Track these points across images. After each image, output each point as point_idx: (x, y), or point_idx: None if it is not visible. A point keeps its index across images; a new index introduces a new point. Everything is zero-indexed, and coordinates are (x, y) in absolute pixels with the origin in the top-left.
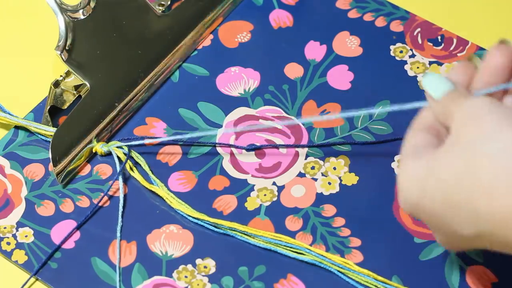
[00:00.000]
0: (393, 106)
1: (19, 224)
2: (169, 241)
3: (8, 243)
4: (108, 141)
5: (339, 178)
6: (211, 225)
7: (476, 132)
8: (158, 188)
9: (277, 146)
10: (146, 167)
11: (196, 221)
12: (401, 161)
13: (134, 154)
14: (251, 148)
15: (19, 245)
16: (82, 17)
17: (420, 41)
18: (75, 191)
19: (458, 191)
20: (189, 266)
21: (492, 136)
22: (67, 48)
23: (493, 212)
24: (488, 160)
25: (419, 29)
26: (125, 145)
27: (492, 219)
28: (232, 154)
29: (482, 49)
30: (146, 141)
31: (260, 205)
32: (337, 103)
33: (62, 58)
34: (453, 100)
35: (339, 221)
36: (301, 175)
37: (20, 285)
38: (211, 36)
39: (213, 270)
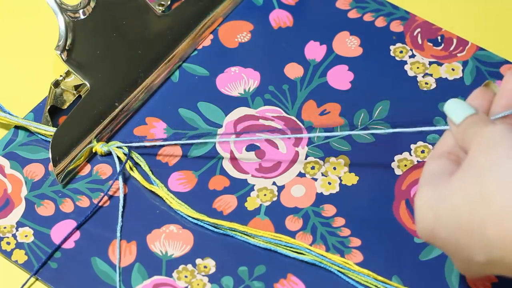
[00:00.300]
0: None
1: (19, 224)
2: (169, 241)
3: (8, 243)
4: (108, 141)
5: (339, 178)
6: (210, 225)
7: (490, 159)
8: (158, 188)
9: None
10: (146, 167)
11: (196, 221)
12: (418, 188)
13: (134, 155)
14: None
15: (19, 245)
16: (82, 17)
17: (420, 41)
18: (75, 191)
19: (470, 217)
20: (189, 266)
21: (505, 162)
22: (67, 48)
23: (503, 239)
24: (499, 186)
25: (419, 29)
26: (125, 145)
27: (503, 245)
28: (232, 154)
29: (482, 49)
30: (146, 144)
31: (260, 205)
32: (337, 103)
33: (62, 58)
34: (473, 125)
35: (339, 221)
36: (301, 175)
37: (20, 285)
38: (211, 36)
39: (213, 270)
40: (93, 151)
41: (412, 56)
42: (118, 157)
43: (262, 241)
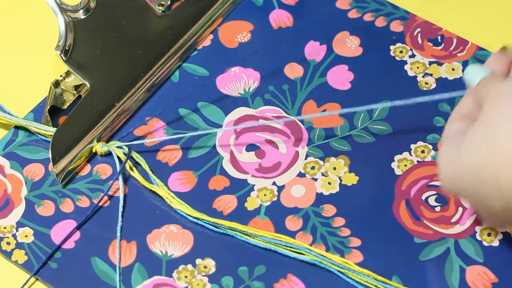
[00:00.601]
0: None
1: (19, 224)
2: (169, 241)
3: (8, 243)
4: (108, 141)
5: (339, 178)
6: (211, 224)
7: (498, 113)
8: (158, 188)
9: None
10: (146, 167)
11: (196, 221)
12: (441, 146)
13: (134, 154)
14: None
15: (19, 245)
16: (82, 17)
17: (420, 41)
18: (75, 191)
19: (484, 169)
20: (189, 266)
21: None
22: (67, 48)
23: None
24: (508, 138)
25: (419, 29)
26: (125, 145)
27: None
28: (232, 154)
29: (482, 49)
30: (146, 141)
31: (260, 205)
32: (337, 103)
33: (62, 58)
34: (487, 84)
35: (339, 221)
36: (301, 175)
37: (20, 285)
38: (211, 36)
39: (213, 270)
40: (93, 151)
41: (412, 56)
42: (118, 157)
43: (262, 241)
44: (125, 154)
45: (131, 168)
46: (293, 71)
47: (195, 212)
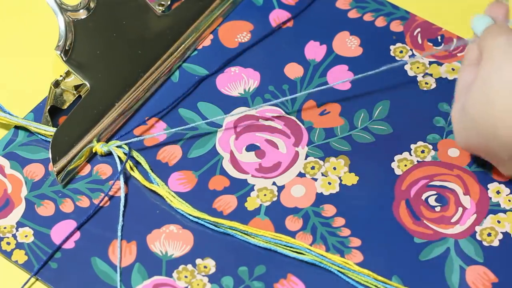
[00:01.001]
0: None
1: (19, 224)
2: (169, 241)
3: (8, 243)
4: (108, 141)
5: (339, 178)
6: (211, 224)
7: (492, 65)
8: (159, 187)
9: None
10: (146, 166)
11: (196, 220)
12: (454, 101)
13: (135, 153)
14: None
15: (19, 245)
16: (82, 17)
17: (420, 41)
18: (75, 191)
19: (485, 123)
20: (189, 266)
21: (504, 67)
22: (67, 48)
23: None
24: (500, 89)
25: (419, 29)
26: (125, 143)
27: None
28: (232, 154)
29: None
30: (146, 137)
31: (260, 205)
32: (337, 103)
33: (62, 58)
34: (487, 36)
35: (339, 221)
36: (301, 175)
37: (20, 285)
38: (211, 36)
39: (213, 270)
40: (93, 151)
41: (412, 56)
42: (119, 157)
43: (262, 241)
44: (125, 153)
45: (131, 168)
46: (293, 71)
47: (196, 211)
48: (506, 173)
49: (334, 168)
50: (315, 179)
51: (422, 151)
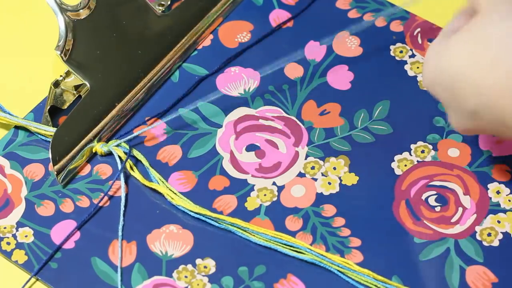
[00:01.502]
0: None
1: (19, 224)
2: (169, 241)
3: (8, 243)
4: (108, 141)
5: (339, 178)
6: (212, 220)
7: (485, 17)
8: (159, 185)
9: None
10: (146, 163)
11: (197, 216)
12: (436, 38)
13: (135, 152)
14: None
15: (19, 245)
16: (82, 17)
17: (420, 41)
18: (75, 191)
19: (463, 70)
20: (189, 266)
21: (496, 21)
22: (67, 48)
23: (491, 87)
24: (487, 41)
25: (419, 29)
26: (124, 142)
27: (489, 92)
28: (232, 154)
29: None
30: (146, 136)
31: (260, 205)
32: (337, 103)
33: (62, 58)
34: None
35: (339, 221)
36: (301, 175)
37: (20, 285)
38: (211, 36)
39: (213, 270)
40: (93, 151)
41: (412, 56)
42: (119, 156)
43: (263, 239)
44: (125, 152)
45: (131, 168)
46: (293, 71)
47: (197, 207)
48: (456, 124)
49: (334, 168)
50: (315, 179)
51: (422, 151)
